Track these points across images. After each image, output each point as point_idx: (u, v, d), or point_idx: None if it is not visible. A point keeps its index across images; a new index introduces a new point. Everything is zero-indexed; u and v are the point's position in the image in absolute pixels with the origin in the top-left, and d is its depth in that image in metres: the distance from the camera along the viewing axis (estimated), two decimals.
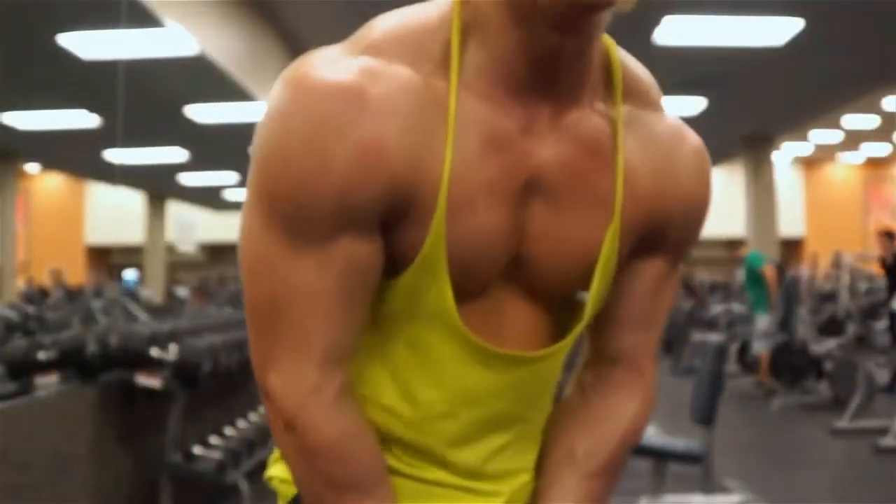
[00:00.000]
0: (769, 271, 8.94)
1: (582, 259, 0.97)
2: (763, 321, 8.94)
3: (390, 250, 0.91)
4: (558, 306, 1.02)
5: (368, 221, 0.88)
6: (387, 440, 1.01)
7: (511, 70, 0.91)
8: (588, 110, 0.96)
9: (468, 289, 0.94)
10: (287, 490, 1.04)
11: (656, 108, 1.02)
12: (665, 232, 1.02)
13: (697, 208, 1.03)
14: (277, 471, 1.07)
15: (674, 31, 8.02)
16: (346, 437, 0.93)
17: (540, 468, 1.10)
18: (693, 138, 1.03)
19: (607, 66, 0.99)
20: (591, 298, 0.99)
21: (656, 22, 7.79)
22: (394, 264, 0.92)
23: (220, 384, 4.74)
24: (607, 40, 0.99)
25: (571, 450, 1.07)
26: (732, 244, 9.17)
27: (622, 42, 0.99)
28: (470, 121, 0.91)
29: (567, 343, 1.02)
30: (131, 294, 12.05)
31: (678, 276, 1.10)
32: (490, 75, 0.92)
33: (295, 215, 0.87)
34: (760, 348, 8.97)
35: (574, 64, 0.93)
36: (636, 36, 8.02)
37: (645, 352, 1.09)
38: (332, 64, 0.87)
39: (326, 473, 0.93)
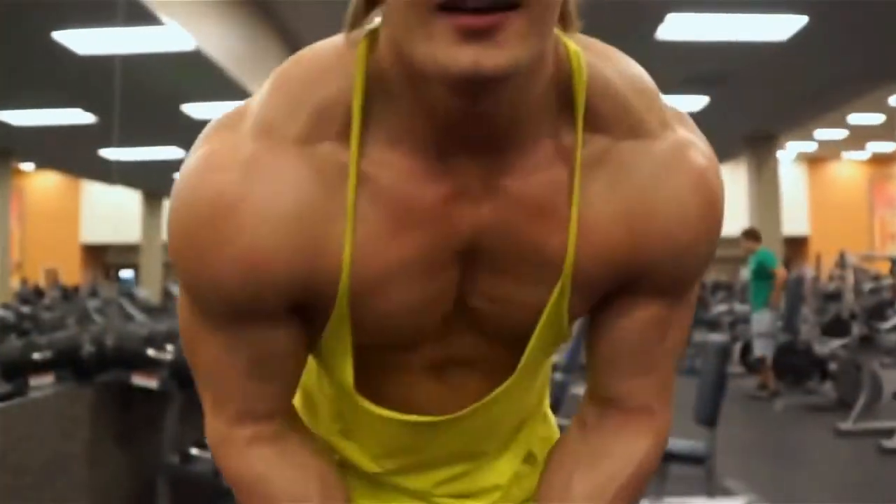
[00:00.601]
0: (782, 273, 8.88)
1: (527, 318, 0.91)
2: (763, 320, 8.87)
3: (307, 325, 0.91)
4: (520, 345, 0.94)
5: (269, 315, 0.86)
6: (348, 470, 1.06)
7: (423, 135, 0.81)
8: (535, 161, 0.84)
9: (401, 349, 0.93)
10: None
11: (641, 133, 0.86)
12: (651, 275, 0.90)
13: (691, 246, 0.89)
14: None
15: (677, 27, 8.00)
16: (260, 480, 0.94)
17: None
18: (692, 163, 0.87)
19: (570, 90, 0.84)
20: (526, 356, 0.93)
21: (660, 18, 7.77)
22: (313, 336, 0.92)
23: None
24: (575, 56, 0.84)
25: (568, 490, 0.98)
26: (735, 243, 9.09)
27: (624, 39, 0.87)
28: (379, 196, 0.83)
29: (496, 395, 0.96)
30: (128, 294, 12.01)
31: (685, 314, 0.97)
32: (400, 142, 0.82)
33: (201, 303, 0.87)
34: (761, 349, 8.92)
35: (499, 121, 0.80)
36: (639, 33, 7.99)
37: (651, 394, 0.98)
38: (214, 165, 0.82)
39: (246, 501, 0.96)
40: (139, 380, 4.06)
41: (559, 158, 0.85)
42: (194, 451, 4.52)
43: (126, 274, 21.48)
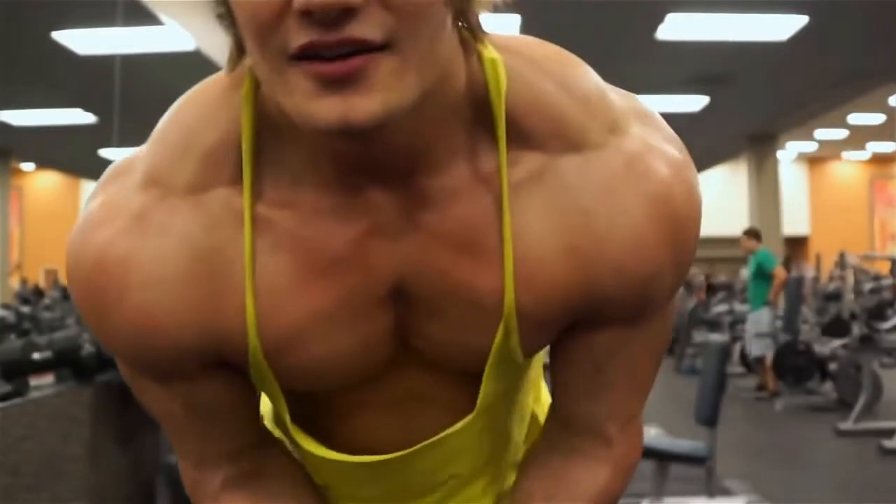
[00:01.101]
0: (781, 274, 8.86)
1: (474, 358, 0.80)
2: (761, 319, 8.83)
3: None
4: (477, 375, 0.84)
5: (186, 372, 0.80)
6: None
7: (325, 171, 0.73)
8: (454, 189, 0.74)
9: (350, 387, 0.85)
10: None
11: (582, 146, 0.74)
12: (609, 309, 0.78)
13: (653, 277, 0.77)
14: None
15: (677, 27, 7.99)
16: None
17: None
18: (649, 175, 0.74)
19: (488, 107, 0.74)
20: (482, 394, 0.83)
21: (660, 19, 7.75)
22: None
23: None
24: (491, 65, 0.74)
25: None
26: (735, 243, 9.08)
27: (624, 39, 0.77)
28: (281, 241, 0.75)
29: (449, 433, 0.87)
30: None
31: (655, 334, 0.85)
32: (301, 180, 0.74)
33: (119, 361, 0.84)
34: (760, 349, 8.88)
35: (400, 153, 0.72)
36: (639, 33, 7.98)
37: (610, 421, 0.88)
38: (99, 223, 0.76)
39: None
40: None
41: (481, 184, 0.74)
42: None
43: None
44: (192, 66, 8.25)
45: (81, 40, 7.53)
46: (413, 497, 0.96)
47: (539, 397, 1.08)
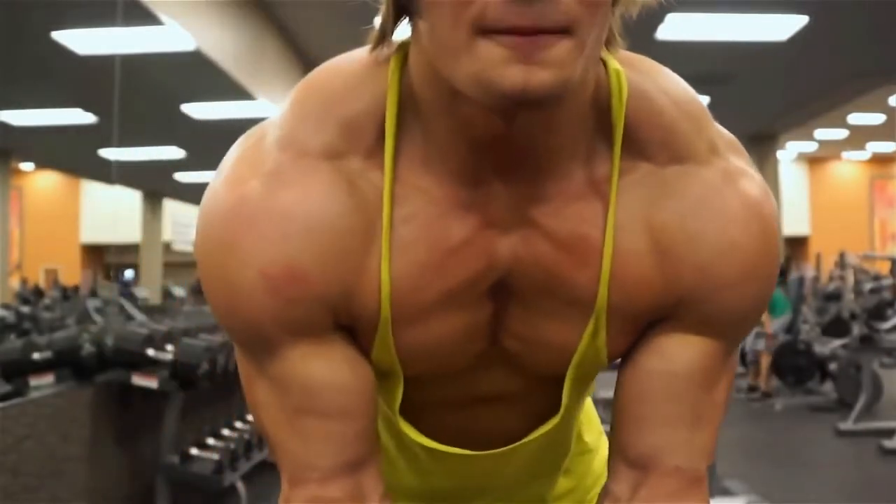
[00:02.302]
0: None
1: (559, 357, 0.84)
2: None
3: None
4: (557, 379, 0.88)
5: (312, 334, 0.79)
6: None
7: (455, 160, 0.77)
8: (568, 191, 0.79)
9: (444, 376, 0.88)
10: None
11: (687, 159, 0.79)
12: (691, 312, 0.81)
13: (736, 283, 0.79)
14: None
15: (677, 27, 7.98)
16: None
17: None
18: (744, 193, 0.79)
19: (608, 113, 0.79)
20: (565, 398, 0.87)
21: (659, 19, 7.75)
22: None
23: (218, 385, 4.70)
24: (615, 76, 0.79)
25: None
26: None
27: (624, 39, 0.80)
28: (414, 227, 0.78)
29: (540, 433, 0.91)
30: (127, 294, 12.01)
31: (731, 365, 0.87)
32: (434, 166, 0.78)
33: (236, 335, 0.83)
34: (752, 344, 8.86)
35: (534, 146, 0.76)
36: (639, 32, 7.95)
37: (691, 457, 0.85)
38: (238, 173, 0.78)
39: None
40: (139, 380, 4.05)
41: (593, 189, 0.79)
42: (194, 451, 4.52)
43: (127, 274, 21.47)
44: (192, 66, 8.26)
45: (81, 40, 7.53)
46: (479, 497, 1.01)
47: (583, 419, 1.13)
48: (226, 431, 5.01)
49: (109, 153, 11.70)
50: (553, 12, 0.65)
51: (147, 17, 6.70)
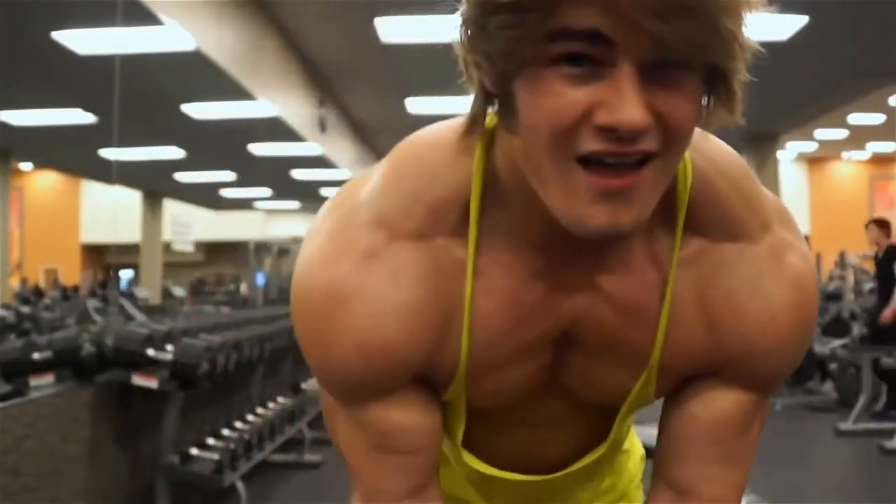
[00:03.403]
0: None
1: (612, 395, 0.95)
2: None
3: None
4: (608, 407, 0.99)
5: (393, 391, 0.89)
6: None
7: (532, 237, 0.86)
8: (631, 262, 0.87)
9: (503, 406, 0.97)
10: None
11: (740, 237, 0.87)
12: (732, 369, 0.91)
13: (776, 349, 0.89)
14: None
15: None
16: None
17: None
18: (788, 267, 0.88)
19: (673, 198, 0.86)
20: (613, 432, 0.99)
21: None
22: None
23: (218, 385, 4.70)
24: (682, 165, 0.86)
25: None
26: None
27: None
28: (493, 292, 0.87)
29: (589, 461, 1.02)
30: (128, 294, 12.01)
31: (763, 410, 0.97)
32: (512, 243, 0.87)
33: (325, 385, 0.93)
34: None
35: (608, 245, 0.86)
36: None
37: (725, 491, 0.95)
38: (332, 255, 0.86)
39: None
40: (139, 380, 4.05)
41: (653, 262, 0.88)
42: (194, 451, 4.52)
43: (126, 274, 21.46)
44: (192, 66, 8.26)
45: (81, 40, 7.52)
46: None
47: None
48: (226, 431, 5.01)
49: (109, 153, 11.72)
50: (649, 145, 0.72)
51: (147, 17, 6.70)
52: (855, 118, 16.09)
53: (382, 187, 0.87)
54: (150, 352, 4.11)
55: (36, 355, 3.99)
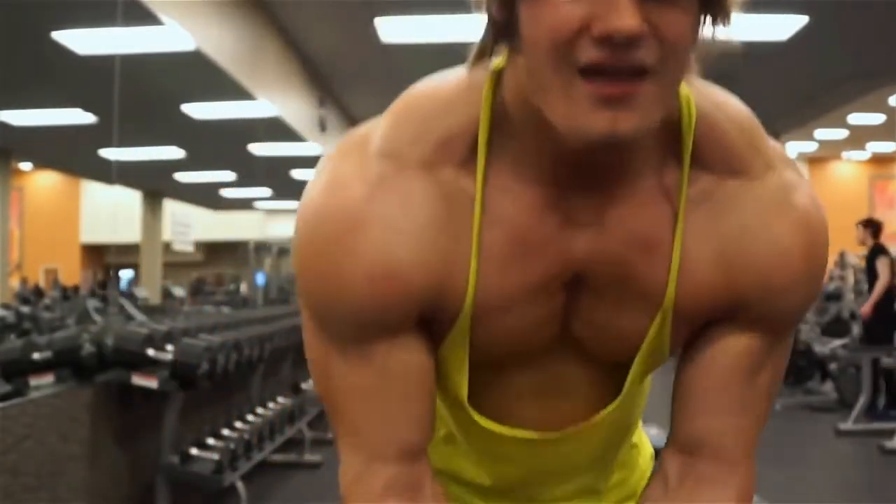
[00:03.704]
0: None
1: (628, 345, 0.94)
2: None
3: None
4: (621, 367, 0.96)
5: (399, 327, 0.88)
6: None
7: (543, 171, 0.86)
8: (640, 197, 0.88)
9: (512, 364, 0.96)
10: None
11: (744, 174, 0.89)
12: (746, 310, 0.90)
13: (788, 287, 0.89)
14: None
15: None
16: None
17: None
18: (796, 205, 0.89)
19: (678, 131, 0.88)
20: (629, 380, 0.96)
21: None
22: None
23: (218, 385, 4.70)
24: (686, 101, 0.88)
25: None
26: None
27: None
28: (500, 224, 0.87)
29: (600, 419, 1.00)
30: (127, 294, 12.01)
31: (780, 360, 0.96)
32: (520, 174, 0.87)
33: (327, 323, 0.90)
34: None
35: (612, 163, 0.86)
36: None
37: (736, 441, 0.95)
38: (344, 180, 0.86)
39: None
40: (139, 380, 4.05)
41: (664, 195, 0.88)
42: (194, 451, 4.52)
43: (126, 274, 21.46)
44: (192, 66, 8.26)
45: (81, 40, 7.52)
46: (542, 485, 1.10)
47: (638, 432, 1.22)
48: (226, 431, 5.01)
49: (109, 153, 11.71)
50: (644, 56, 0.74)
51: (147, 17, 6.70)
52: (855, 118, 16.09)
53: (392, 121, 0.88)
54: (150, 352, 4.10)
55: (36, 355, 3.99)
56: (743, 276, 0.88)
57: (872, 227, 7.97)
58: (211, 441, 4.75)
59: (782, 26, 8.01)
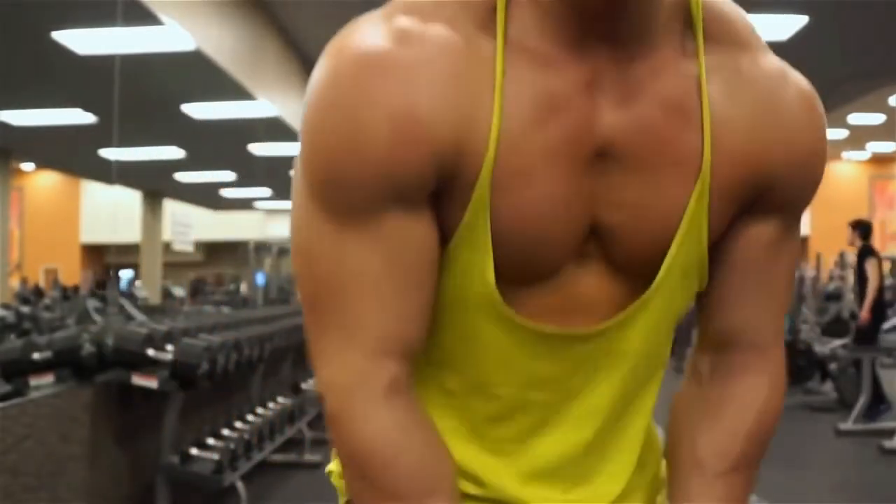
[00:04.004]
0: None
1: (664, 226, 0.88)
2: None
3: (438, 224, 0.85)
4: (644, 282, 0.90)
5: (415, 194, 0.82)
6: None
7: (562, 24, 0.83)
8: (662, 61, 0.86)
9: (535, 269, 0.88)
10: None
11: (750, 49, 0.90)
12: (773, 189, 0.89)
13: (809, 160, 0.90)
14: (337, 466, 1.01)
15: None
16: (392, 438, 0.85)
17: (668, 480, 1.02)
18: (799, 81, 0.91)
19: (686, 8, 0.88)
20: (667, 262, 0.88)
21: None
22: (441, 240, 0.86)
23: (218, 385, 4.69)
24: None
25: (694, 453, 0.97)
26: None
27: None
28: (521, 83, 0.83)
29: (634, 311, 0.91)
30: (127, 294, 12.02)
31: (796, 242, 0.96)
32: (540, 31, 0.84)
33: (336, 189, 0.82)
34: None
35: (635, 10, 0.83)
36: None
37: (766, 329, 0.96)
38: (365, 31, 0.82)
39: (370, 478, 0.86)
40: (139, 380, 4.05)
41: (685, 60, 0.87)
42: (194, 451, 4.52)
43: (126, 274, 21.47)
44: (192, 66, 8.26)
45: (81, 40, 7.53)
46: (576, 427, 0.97)
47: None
48: (226, 431, 5.01)
49: (109, 153, 11.72)
50: None
51: (147, 17, 6.71)
52: (855, 118, 16.11)
53: None
54: (150, 352, 4.10)
55: (36, 355, 3.99)
56: (773, 143, 0.88)
57: (861, 228, 8.00)
58: (211, 441, 4.75)
59: (782, 26, 8.02)
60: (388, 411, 0.84)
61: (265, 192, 18.29)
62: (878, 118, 16.14)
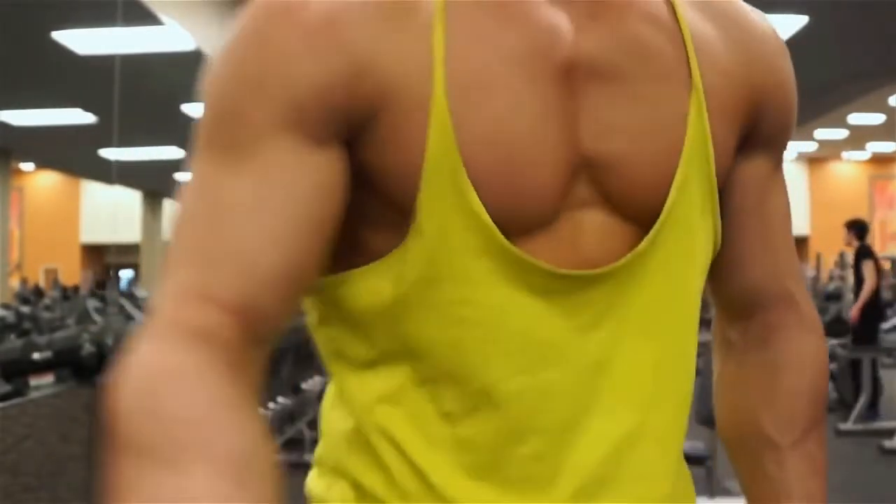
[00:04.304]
0: None
1: (666, 149, 0.77)
2: None
3: (379, 191, 0.72)
4: (646, 228, 0.77)
5: (316, 119, 0.69)
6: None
7: None
8: None
9: (526, 209, 0.73)
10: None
11: None
12: (763, 116, 0.84)
13: (789, 83, 0.87)
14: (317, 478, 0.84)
15: None
16: (174, 382, 0.65)
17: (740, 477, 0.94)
18: (765, 17, 0.88)
19: None
20: (677, 180, 0.76)
21: None
22: (400, 210, 0.72)
23: None
24: None
25: (760, 430, 0.89)
26: None
27: None
28: None
29: (648, 245, 0.76)
30: (128, 294, 12.00)
31: (784, 184, 0.93)
32: None
33: (223, 121, 0.73)
34: None
35: None
36: None
37: (788, 277, 0.90)
38: None
39: (123, 425, 0.66)
40: None
41: None
42: None
43: (126, 274, 21.46)
44: (192, 66, 8.26)
45: (81, 40, 7.53)
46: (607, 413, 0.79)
47: None
48: None
49: (109, 153, 11.72)
50: None
51: (147, 17, 6.71)
52: (855, 118, 16.12)
53: None
54: None
55: (36, 355, 3.99)
56: (756, 64, 0.83)
57: (856, 228, 8.02)
58: None
59: (782, 26, 8.02)
60: (185, 354, 0.64)
61: None
62: (878, 118, 16.14)
